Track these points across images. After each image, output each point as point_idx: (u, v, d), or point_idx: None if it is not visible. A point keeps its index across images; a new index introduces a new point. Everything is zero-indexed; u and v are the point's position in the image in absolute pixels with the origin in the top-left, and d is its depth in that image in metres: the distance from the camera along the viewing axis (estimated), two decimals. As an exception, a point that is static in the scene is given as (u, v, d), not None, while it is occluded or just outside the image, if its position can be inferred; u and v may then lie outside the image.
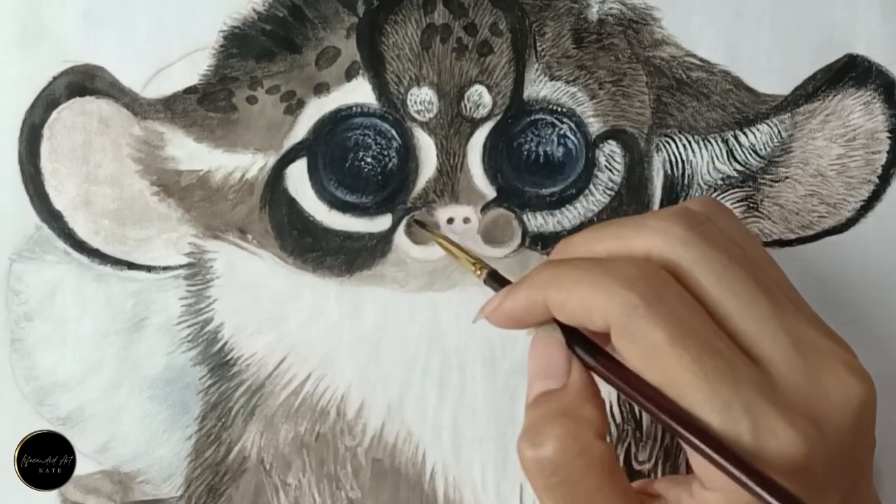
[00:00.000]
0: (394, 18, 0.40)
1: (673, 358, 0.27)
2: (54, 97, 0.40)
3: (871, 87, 0.41)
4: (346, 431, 0.40)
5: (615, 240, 0.30)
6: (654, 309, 0.27)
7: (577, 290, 0.29)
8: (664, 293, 0.28)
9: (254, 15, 0.40)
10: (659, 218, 0.30)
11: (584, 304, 0.29)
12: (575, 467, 0.28)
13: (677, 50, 0.41)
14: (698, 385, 0.27)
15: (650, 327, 0.27)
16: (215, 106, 0.40)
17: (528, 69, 0.40)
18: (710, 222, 0.30)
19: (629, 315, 0.28)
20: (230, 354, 0.40)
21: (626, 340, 0.28)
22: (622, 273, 0.28)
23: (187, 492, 0.40)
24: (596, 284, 0.29)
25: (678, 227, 0.30)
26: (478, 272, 0.36)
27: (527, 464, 0.29)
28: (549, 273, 0.30)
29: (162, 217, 0.40)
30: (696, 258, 0.29)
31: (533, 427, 0.29)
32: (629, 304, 0.28)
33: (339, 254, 0.40)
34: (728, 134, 0.41)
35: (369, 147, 0.40)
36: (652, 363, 0.28)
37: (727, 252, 0.29)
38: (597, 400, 0.30)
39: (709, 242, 0.29)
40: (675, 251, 0.29)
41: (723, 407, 0.27)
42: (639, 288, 0.28)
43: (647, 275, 0.28)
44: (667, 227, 0.30)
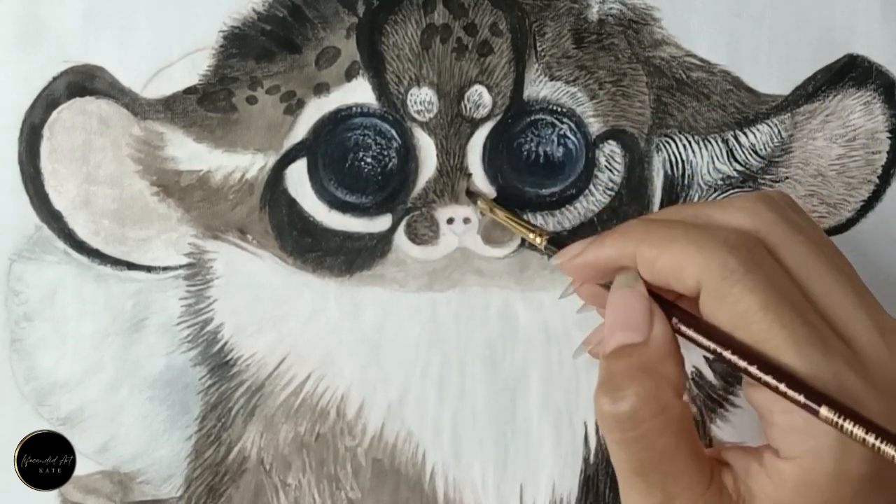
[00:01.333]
0: (394, 18, 0.40)
1: (765, 322, 0.27)
2: (54, 97, 0.40)
3: (871, 87, 0.41)
4: (346, 431, 0.40)
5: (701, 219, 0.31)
6: (751, 275, 0.28)
7: (674, 247, 0.29)
8: (762, 261, 0.29)
9: (254, 15, 0.40)
10: (744, 199, 0.31)
11: (678, 262, 0.29)
12: (653, 425, 0.29)
13: (677, 50, 0.41)
14: (787, 349, 0.27)
15: (745, 291, 0.28)
16: (215, 106, 0.40)
17: (528, 69, 0.40)
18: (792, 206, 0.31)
19: (725, 278, 0.28)
20: (230, 355, 0.40)
21: (718, 302, 0.28)
22: (722, 236, 0.29)
23: (187, 492, 0.40)
24: (694, 244, 0.29)
25: (764, 207, 0.30)
26: (536, 239, 0.36)
27: (603, 416, 0.29)
28: (644, 227, 0.31)
29: (162, 217, 0.40)
30: (783, 239, 0.30)
31: (612, 380, 0.29)
32: (727, 266, 0.28)
33: (339, 254, 0.40)
34: (728, 134, 0.41)
35: (369, 147, 0.40)
36: (741, 327, 0.28)
37: (810, 236, 0.30)
38: (678, 357, 0.30)
39: (792, 226, 0.30)
40: (763, 231, 0.30)
41: (812, 372, 0.27)
42: (738, 252, 0.28)
43: (747, 242, 0.29)
44: (753, 207, 0.30)
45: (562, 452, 0.40)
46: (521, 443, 0.40)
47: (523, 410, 0.40)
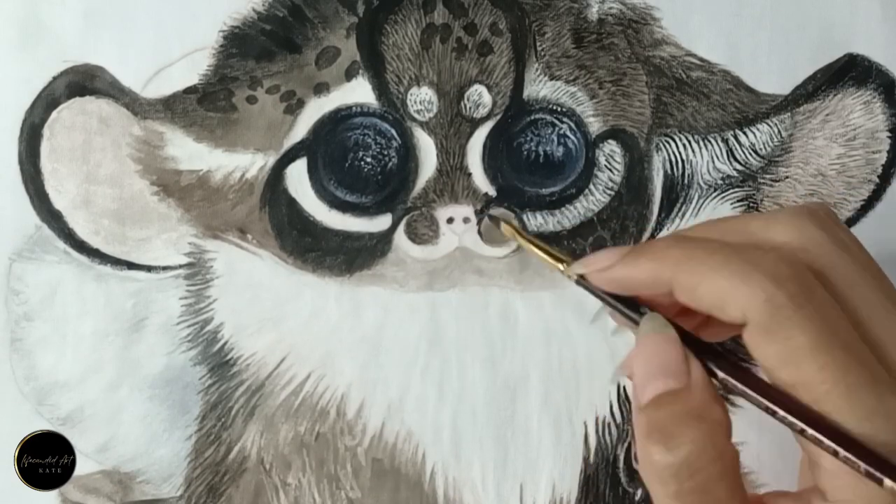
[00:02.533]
0: (394, 18, 0.40)
1: (816, 363, 0.26)
2: (54, 97, 0.40)
3: (871, 87, 0.41)
4: (346, 431, 0.40)
5: (743, 235, 0.29)
6: (802, 311, 0.26)
7: (715, 277, 0.28)
8: (812, 295, 0.27)
9: (253, 15, 0.40)
10: (791, 215, 0.29)
11: (721, 293, 0.28)
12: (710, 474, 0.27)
13: (677, 49, 0.41)
14: (840, 393, 0.26)
15: (796, 330, 0.26)
16: (215, 106, 0.40)
17: (528, 69, 0.40)
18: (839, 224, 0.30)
19: (773, 314, 0.27)
20: (230, 354, 0.40)
21: (765, 339, 0.27)
22: (770, 267, 0.27)
23: (187, 492, 0.40)
24: (740, 275, 0.27)
25: (813, 226, 0.29)
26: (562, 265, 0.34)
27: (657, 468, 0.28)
28: (681, 251, 0.29)
29: (162, 217, 0.40)
30: (833, 261, 0.28)
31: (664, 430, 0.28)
32: (775, 301, 0.27)
33: (339, 254, 0.40)
34: (728, 133, 0.41)
35: (369, 147, 0.40)
36: (790, 365, 0.27)
37: (857, 256, 0.29)
38: (721, 400, 0.29)
39: (842, 246, 0.29)
40: (811, 251, 0.28)
41: (865, 415, 0.26)
42: (787, 286, 0.27)
43: (798, 274, 0.27)
44: (802, 225, 0.29)
45: (562, 452, 0.40)
46: (521, 443, 0.40)
47: (523, 410, 0.40)
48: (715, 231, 0.30)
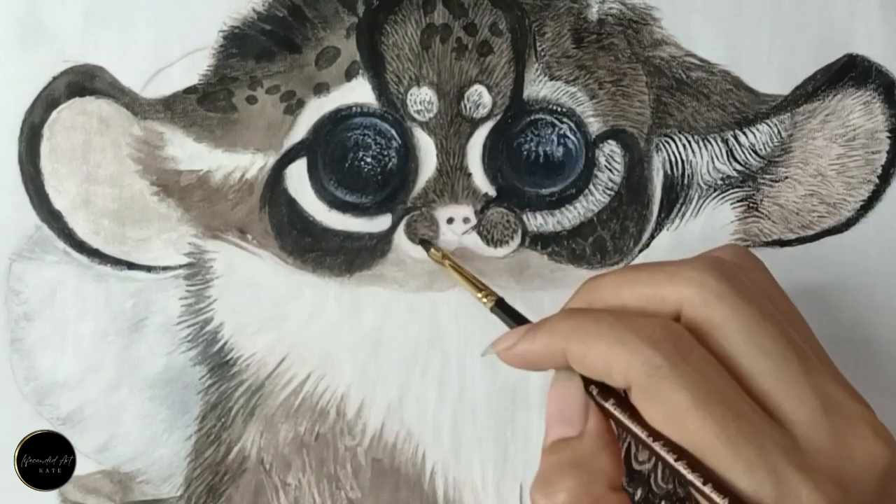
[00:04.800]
0: (394, 18, 0.40)
1: (696, 420, 0.27)
2: (54, 97, 0.40)
3: (870, 87, 0.41)
4: (345, 431, 0.40)
5: (647, 286, 0.30)
6: (677, 370, 0.27)
7: (599, 345, 0.29)
8: (688, 354, 0.28)
9: (253, 15, 0.40)
10: (692, 268, 0.30)
11: (605, 359, 0.29)
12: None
13: (677, 50, 0.41)
14: (721, 448, 0.27)
15: (673, 388, 0.27)
16: (215, 106, 0.40)
17: (528, 69, 0.40)
18: (743, 274, 0.30)
19: (651, 375, 0.28)
20: (230, 354, 0.40)
21: (647, 400, 0.28)
22: (647, 332, 0.28)
23: (187, 492, 0.40)
24: (619, 341, 0.28)
25: (712, 279, 0.29)
26: (484, 300, 0.36)
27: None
28: (571, 323, 0.30)
29: (162, 217, 0.40)
30: (728, 313, 0.29)
31: (545, 477, 0.29)
32: (652, 363, 0.28)
33: (339, 254, 0.40)
34: (728, 134, 0.41)
35: (369, 147, 0.40)
36: (673, 424, 0.27)
37: (760, 308, 0.29)
38: (613, 448, 0.30)
39: (742, 296, 0.29)
40: (707, 304, 0.29)
41: (746, 469, 0.26)
42: (663, 348, 0.28)
43: (672, 335, 0.28)
44: (701, 279, 0.29)
45: (562, 452, 0.40)
46: (521, 442, 0.40)
47: (523, 410, 0.40)
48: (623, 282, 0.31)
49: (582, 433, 0.30)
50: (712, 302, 0.29)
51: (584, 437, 0.30)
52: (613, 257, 0.41)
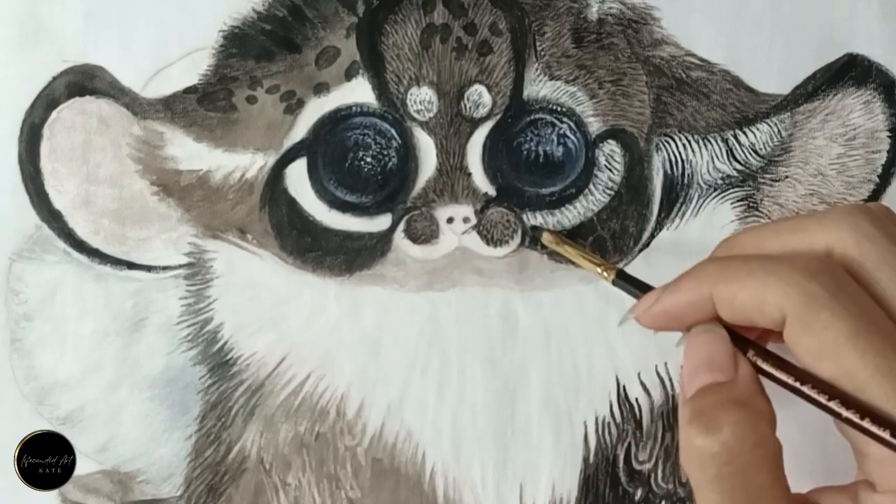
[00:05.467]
0: (393, 18, 0.40)
1: (855, 351, 0.27)
2: (54, 97, 0.40)
3: (871, 87, 0.41)
4: (345, 431, 0.40)
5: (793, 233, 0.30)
6: (837, 301, 0.27)
7: (751, 280, 0.28)
8: (846, 286, 0.28)
9: (253, 15, 0.40)
10: (844, 213, 0.30)
11: (759, 294, 0.28)
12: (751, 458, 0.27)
13: (677, 49, 0.41)
14: (881, 379, 0.26)
15: (832, 319, 0.27)
16: (215, 106, 0.40)
17: (528, 69, 0.40)
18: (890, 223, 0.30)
19: (809, 304, 0.27)
20: (230, 354, 0.40)
21: (803, 331, 0.27)
22: (802, 264, 0.28)
23: (187, 492, 0.40)
24: (773, 274, 0.28)
25: (866, 222, 0.29)
26: (604, 274, 0.35)
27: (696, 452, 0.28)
28: (717, 266, 0.30)
29: (162, 217, 0.40)
30: (882, 255, 0.29)
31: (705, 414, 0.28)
32: (811, 293, 0.27)
33: (339, 253, 0.40)
34: (728, 133, 0.41)
35: (369, 147, 0.40)
36: (830, 355, 0.27)
37: None
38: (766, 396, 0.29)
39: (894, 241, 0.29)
40: (860, 246, 0.29)
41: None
42: (820, 278, 0.27)
43: (829, 268, 0.28)
44: (854, 222, 0.29)
45: (562, 452, 0.40)
46: (521, 443, 0.40)
47: (523, 410, 0.40)
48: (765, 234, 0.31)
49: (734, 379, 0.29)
50: (865, 244, 0.29)
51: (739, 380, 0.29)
52: (613, 257, 0.41)
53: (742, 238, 0.32)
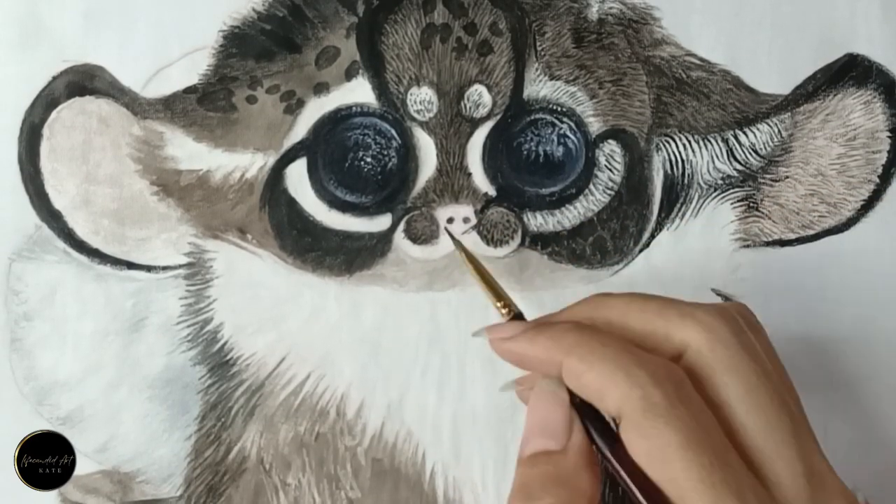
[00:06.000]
0: (394, 18, 0.40)
1: (684, 461, 0.27)
2: (54, 97, 0.40)
3: (871, 87, 0.41)
4: (345, 431, 0.40)
5: (656, 317, 0.30)
6: (674, 411, 0.28)
7: (600, 368, 0.29)
8: (687, 399, 0.28)
9: (253, 14, 0.40)
10: (706, 312, 0.30)
11: (602, 384, 0.29)
12: None
13: (677, 49, 0.41)
14: (703, 492, 0.27)
15: (666, 427, 0.27)
16: (215, 105, 0.40)
17: (528, 69, 0.40)
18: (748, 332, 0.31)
19: (647, 410, 0.28)
20: (230, 354, 0.40)
21: (636, 434, 0.28)
22: (651, 368, 0.28)
23: (187, 492, 0.40)
24: (622, 369, 0.28)
25: (724, 327, 0.30)
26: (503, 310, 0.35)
27: None
28: (577, 337, 0.30)
29: (161, 217, 0.40)
30: (733, 364, 0.29)
31: (527, 489, 0.30)
32: (651, 399, 0.28)
33: (339, 253, 0.40)
34: (728, 133, 0.41)
35: (369, 147, 0.40)
36: (659, 462, 0.28)
37: (762, 365, 0.29)
38: (594, 469, 0.30)
39: (747, 351, 0.29)
40: (714, 351, 0.29)
41: None
42: (664, 386, 0.28)
43: (674, 377, 0.28)
44: (712, 325, 0.30)
45: (562, 452, 0.40)
46: (521, 442, 0.40)
47: (523, 410, 0.40)
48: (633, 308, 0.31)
49: (565, 449, 0.30)
50: (719, 349, 0.29)
51: (568, 453, 0.30)
52: (613, 257, 0.41)
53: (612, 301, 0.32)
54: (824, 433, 0.40)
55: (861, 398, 0.41)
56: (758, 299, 0.41)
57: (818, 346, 0.41)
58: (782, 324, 0.41)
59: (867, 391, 0.41)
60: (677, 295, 0.33)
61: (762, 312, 0.40)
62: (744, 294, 0.41)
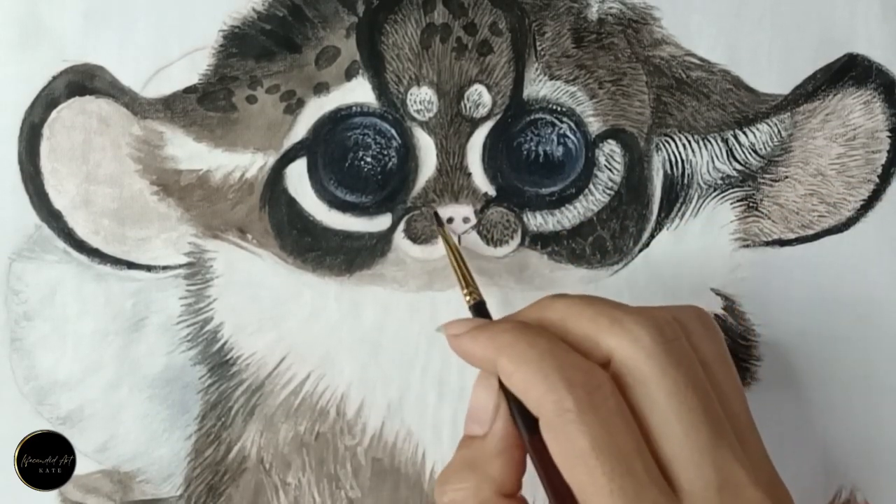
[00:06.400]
0: (394, 18, 0.40)
1: (587, 467, 0.28)
2: (54, 97, 0.40)
3: (871, 87, 0.41)
4: (345, 431, 0.40)
5: (589, 324, 0.31)
6: (584, 417, 0.28)
7: (524, 369, 0.30)
8: (600, 404, 0.29)
9: (253, 14, 0.40)
10: (634, 321, 0.31)
11: (525, 386, 0.30)
12: None
13: (677, 49, 0.41)
14: (602, 499, 0.28)
15: (575, 432, 0.28)
16: (215, 105, 0.40)
17: (528, 69, 0.40)
18: (683, 339, 0.31)
19: (559, 415, 0.29)
20: (230, 354, 0.40)
21: (551, 437, 0.29)
22: (569, 373, 0.29)
23: (187, 491, 0.40)
24: (541, 373, 0.29)
25: (647, 336, 0.30)
26: (468, 297, 0.36)
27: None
28: (509, 338, 0.31)
29: (162, 216, 0.40)
30: (653, 372, 0.29)
31: (445, 472, 0.31)
32: (563, 405, 0.29)
33: (339, 253, 0.40)
34: (728, 133, 0.41)
35: (369, 147, 0.40)
36: (569, 465, 0.28)
37: (686, 374, 0.30)
38: (511, 455, 0.31)
39: (671, 360, 0.30)
40: (635, 359, 0.30)
41: None
42: (577, 392, 0.29)
43: (591, 382, 0.29)
44: (637, 334, 0.30)
45: (562, 452, 0.40)
46: (521, 442, 0.40)
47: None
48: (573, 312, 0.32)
49: (486, 434, 0.31)
50: (641, 358, 0.30)
51: (487, 438, 0.31)
52: (613, 257, 0.41)
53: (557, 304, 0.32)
54: (824, 433, 0.40)
55: (861, 398, 0.41)
56: (757, 299, 0.41)
57: (818, 346, 0.41)
58: (782, 324, 0.41)
59: (867, 391, 0.41)
60: (676, 295, 0.34)
61: (762, 312, 0.40)
62: (743, 294, 0.41)
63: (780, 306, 0.41)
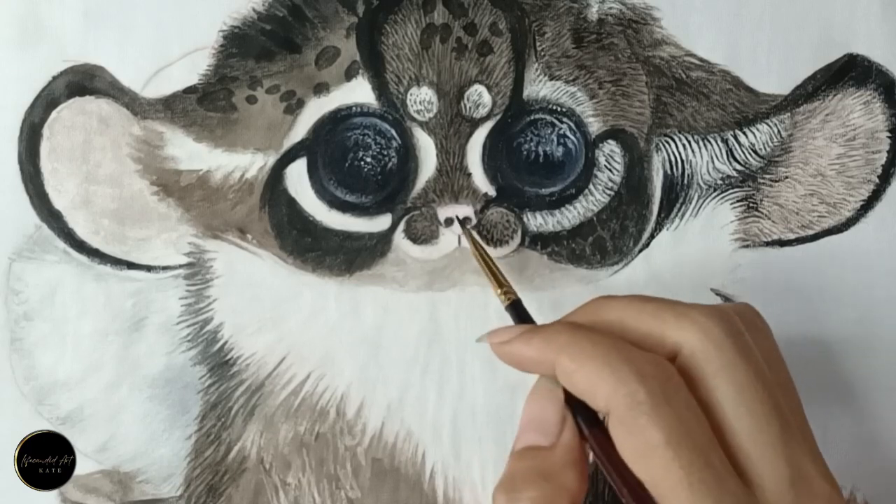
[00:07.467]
0: (393, 18, 0.40)
1: (664, 459, 0.27)
2: (54, 97, 0.40)
3: (870, 87, 0.41)
4: (345, 431, 0.40)
5: (652, 319, 0.31)
6: (658, 409, 0.28)
7: (590, 365, 0.29)
8: (673, 396, 0.28)
9: (253, 15, 0.40)
10: (700, 313, 0.30)
11: (592, 382, 0.29)
12: None
13: (677, 50, 0.41)
14: (681, 491, 0.27)
15: (649, 425, 0.28)
16: (215, 105, 0.40)
17: (528, 69, 0.40)
18: (747, 333, 0.31)
19: (632, 408, 0.28)
20: (230, 354, 0.40)
21: (622, 431, 0.28)
22: (638, 365, 0.29)
23: (187, 491, 0.40)
24: (609, 367, 0.29)
25: (717, 328, 0.30)
26: (502, 297, 0.36)
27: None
28: (568, 337, 0.30)
29: (162, 217, 0.40)
30: (724, 365, 0.29)
31: (512, 481, 0.30)
32: (636, 397, 0.28)
33: (339, 253, 0.40)
34: (728, 134, 0.41)
35: (369, 147, 0.40)
36: (642, 459, 0.28)
37: (755, 368, 0.30)
38: (581, 467, 0.30)
39: (741, 353, 0.30)
40: (705, 352, 0.29)
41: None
42: (649, 384, 0.28)
43: (662, 374, 0.29)
44: (706, 326, 0.30)
45: (561, 452, 0.40)
46: (521, 442, 0.40)
47: (523, 409, 0.40)
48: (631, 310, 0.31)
49: (554, 445, 0.30)
50: (711, 351, 0.29)
51: (556, 449, 0.30)
52: (613, 257, 0.41)
53: (610, 303, 0.32)
54: (824, 433, 0.40)
55: (861, 398, 0.41)
56: (757, 299, 0.41)
57: (818, 346, 0.41)
58: (782, 324, 0.41)
59: (867, 391, 0.41)
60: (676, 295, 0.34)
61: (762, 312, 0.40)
62: (743, 294, 0.41)
63: (779, 306, 0.41)
